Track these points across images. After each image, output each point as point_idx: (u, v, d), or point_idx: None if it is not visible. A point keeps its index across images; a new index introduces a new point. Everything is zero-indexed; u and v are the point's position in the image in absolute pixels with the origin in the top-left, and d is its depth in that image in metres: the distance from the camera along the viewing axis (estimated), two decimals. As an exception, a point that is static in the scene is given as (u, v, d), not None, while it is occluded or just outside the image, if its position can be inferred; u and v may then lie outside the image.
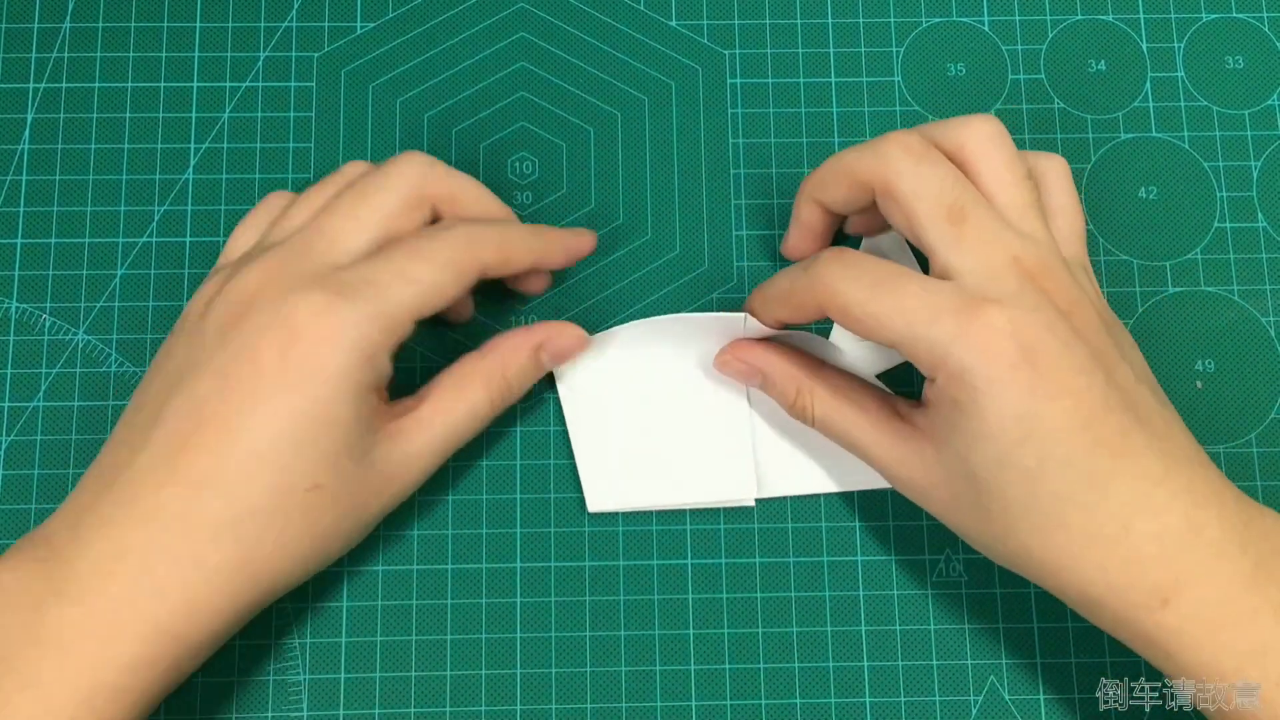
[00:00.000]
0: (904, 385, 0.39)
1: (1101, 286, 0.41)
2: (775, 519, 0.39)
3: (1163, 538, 0.31)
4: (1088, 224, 0.42)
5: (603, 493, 0.39)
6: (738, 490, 0.39)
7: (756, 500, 0.39)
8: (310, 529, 0.33)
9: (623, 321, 0.40)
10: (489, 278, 0.36)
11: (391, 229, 0.35)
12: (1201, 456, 0.33)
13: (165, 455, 0.32)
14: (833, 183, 0.36)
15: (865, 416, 0.36)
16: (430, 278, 0.34)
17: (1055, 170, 0.36)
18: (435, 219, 0.37)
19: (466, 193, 0.37)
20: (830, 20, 0.43)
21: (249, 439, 0.32)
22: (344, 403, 0.32)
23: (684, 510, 0.39)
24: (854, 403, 0.36)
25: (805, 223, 0.38)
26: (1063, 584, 0.33)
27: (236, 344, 0.33)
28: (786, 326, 0.37)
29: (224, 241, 0.41)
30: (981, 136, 0.34)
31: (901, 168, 0.34)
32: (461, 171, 0.37)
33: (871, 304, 0.33)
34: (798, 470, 0.39)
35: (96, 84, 0.42)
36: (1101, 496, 0.31)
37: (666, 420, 0.39)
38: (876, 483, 0.39)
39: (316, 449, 0.32)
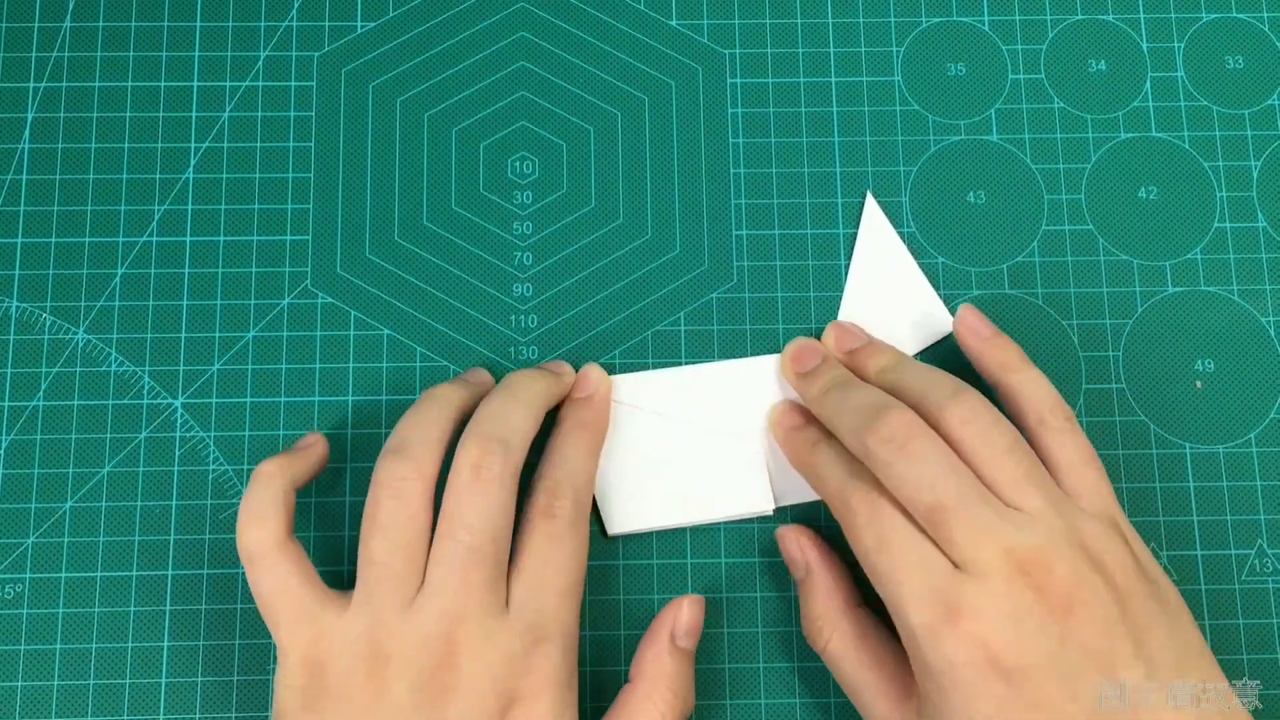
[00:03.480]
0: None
1: (1101, 287, 0.41)
2: (775, 519, 0.39)
3: None
4: (1089, 225, 0.42)
5: (620, 515, 0.39)
6: (757, 503, 0.39)
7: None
8: None
9: (622, 324, 0.41)
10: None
11: None
12: (1208, 660, 0.31)
13: None
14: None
15: (876, 671, 0.34)
16: (574, 577, 0.35)
17: (1051, 421, 0.35)
18: None
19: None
20: (830, 20, 0.43)
21: None
22: None
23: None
24: (871, 653, 0.35)
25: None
26: None
27: (463, 701, 0.32)
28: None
29: (224, 241, 0.41)
30: (955, 421, 0.33)
31: (881, 463, 0.33)
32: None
33: (874, 555, 0.32)
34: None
35: (96, 83, 0.42)
36: None
37: (681, 439, 0.39)
38: None
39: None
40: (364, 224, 0.41)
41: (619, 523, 0.38)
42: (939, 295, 0.41)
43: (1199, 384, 0.41)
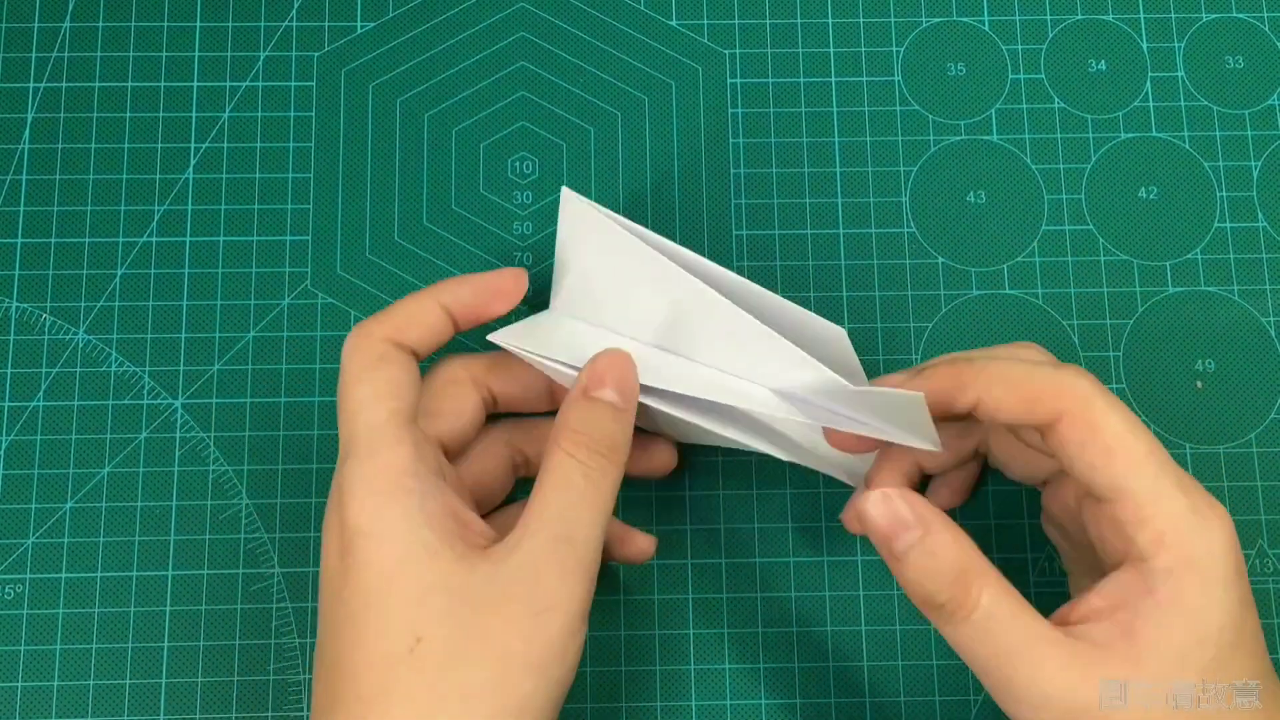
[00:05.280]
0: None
1: (1101, 286, 0.41)
2: (776, 519, 0.39)
3: None
4: (1089, 225, 0.42)
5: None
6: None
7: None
8: (434, 693, 0.29)
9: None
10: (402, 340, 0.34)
11: None
12: None
13: (318, 688, 0.31)
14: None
15: (1037, 620, 0.30)
16: (366, 390, 0.33)
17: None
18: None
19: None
20: (830, 20, 0.43)
21: (348, 637, 0.30)
22: (395, 543, 0.30)
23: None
24: (1022, 600, 0.30)
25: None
26: None
27: (321, 564, 0.32)
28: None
29: (224, 241, 0.41)
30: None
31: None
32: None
33: (1132, 437, 0.30)
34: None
35: (96, 84, 0.42)
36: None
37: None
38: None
39: (402, 599, 0.29)
40: (364, 224, 0.41)
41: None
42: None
43: (1199, 384, 0.41)
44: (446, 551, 0.30)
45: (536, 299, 0.38)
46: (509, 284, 0.35)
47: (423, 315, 0.34)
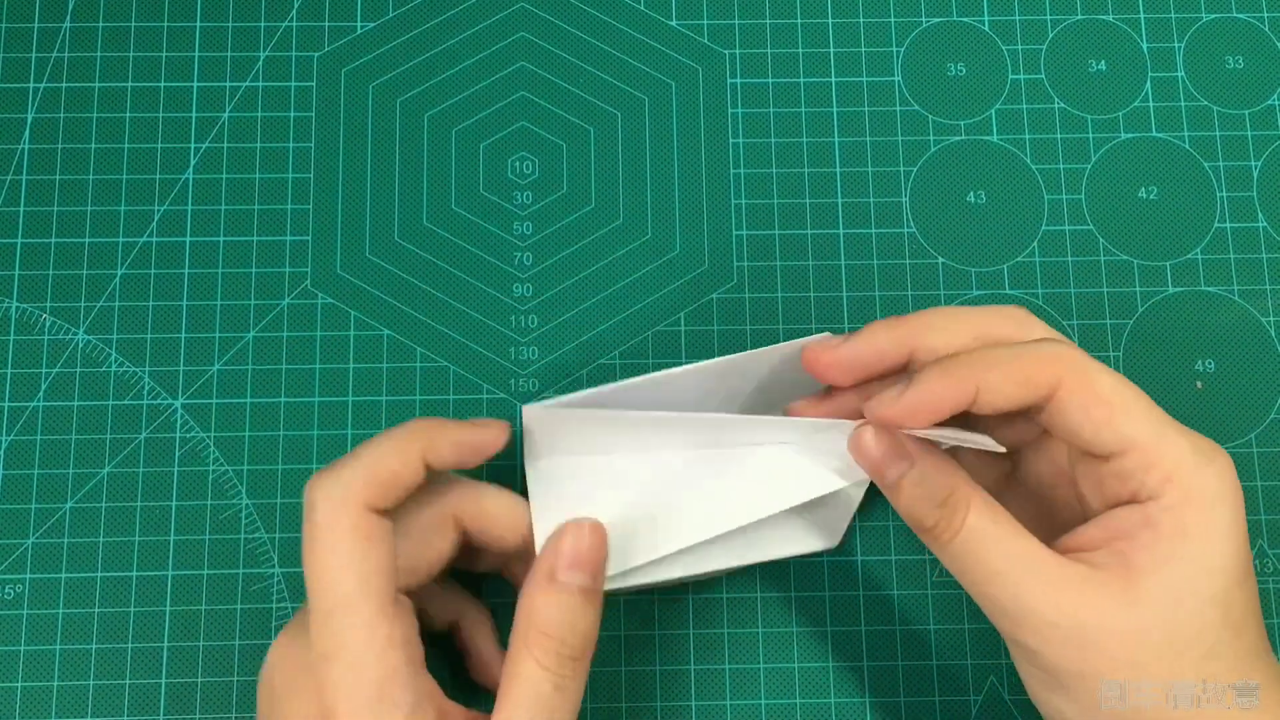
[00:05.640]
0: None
1: (1101, 286, 0.41)
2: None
3: None
4: (1089, 225, 0.42)
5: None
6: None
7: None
8: None
9: (622, 324, 0.41)
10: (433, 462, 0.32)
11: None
12: None
13: None
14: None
15: (1027, 539, 0.30)
16: (369, 451, 0.31)
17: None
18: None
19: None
20: (830, 20, 0.43)
21: None
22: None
23: None
24: (1012, 522, 0.31)
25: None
26: None
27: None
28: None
29: (224, 241, 0.41)
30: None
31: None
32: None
33: (1127, 391, 0.30)
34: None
35: (96, 84, 0.42)
36: (1271, 662, 0.30)
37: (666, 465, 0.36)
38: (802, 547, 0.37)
39: None
40: (364, 224, 0.41)
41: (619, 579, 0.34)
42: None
43: (1199, 384, 0.41)
44: None
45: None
46: (490, 440, 0.33)
47: (405, 475, 0.31)
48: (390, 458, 0.31)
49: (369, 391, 0.40)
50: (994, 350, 0.31)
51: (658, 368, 0.40)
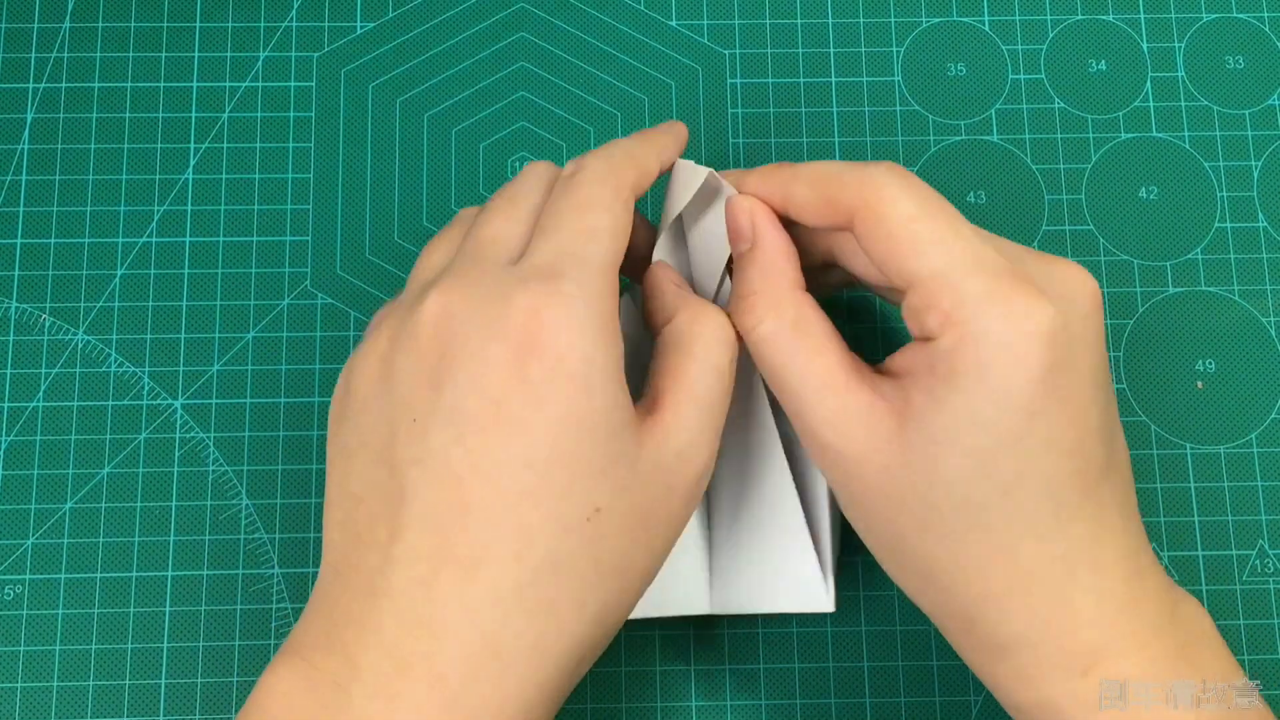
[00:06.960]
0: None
1: (1102, 286, 0.41)
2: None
3: (1102, 598, 0.29)
4: (1089, 225, 0.42)
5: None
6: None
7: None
8: (600, 571, 0.28)
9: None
10: (640, 194, 0.32)
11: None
12: (1143, 527, 0.31)
13: (425, 540, 0.27)
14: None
15: (821, 358, 0.30)
16: (608, 220, 0.30)
17: None
18: None
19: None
20: (830, 20, 0.43)
21: (513, 484, 0.27)
22: (603, 395, 0.27)
23: None
24: (813, 339, 0.30)
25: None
26: (971, 617, 0.29)
27: (455, 387, 0.27)
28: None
29: (223, 242, 0.41)
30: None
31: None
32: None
33: (919, 222, 0.29)
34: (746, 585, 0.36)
35: (96, 84, 0.42)
36: (1060, 532, 0.28)
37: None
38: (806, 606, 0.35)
39: (589, 465, 0.27)
40: (364, 224, 0.41)
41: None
42: None
43: (1200, 384, 0.41)
44: (631, 421, 0.29)
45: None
46: (679, 141, 0.35)
47: (648, 180, 0.33)
48: (646, 160, 0.33)
49: (369, 392, 0.40)
50: (814, 166, 0.31)
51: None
